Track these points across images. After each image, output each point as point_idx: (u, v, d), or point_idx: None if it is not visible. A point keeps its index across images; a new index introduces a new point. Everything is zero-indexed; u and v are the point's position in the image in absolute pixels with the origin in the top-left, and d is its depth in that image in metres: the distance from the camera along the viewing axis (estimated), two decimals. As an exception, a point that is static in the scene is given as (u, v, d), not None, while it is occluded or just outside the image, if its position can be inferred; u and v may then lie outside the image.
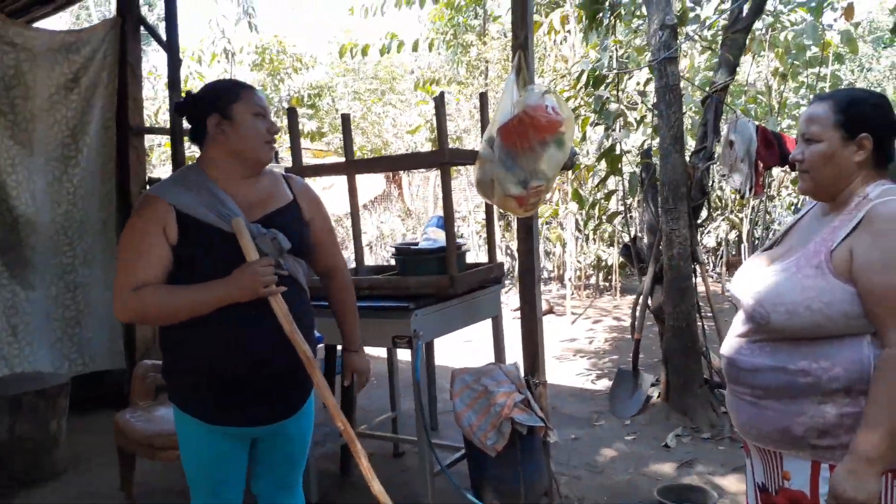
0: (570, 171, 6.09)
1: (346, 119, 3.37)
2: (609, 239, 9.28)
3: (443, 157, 2.75)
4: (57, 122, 4.58)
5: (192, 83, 11.05)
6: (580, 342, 6.84)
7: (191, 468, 1.87)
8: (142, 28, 4.98)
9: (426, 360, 3.72)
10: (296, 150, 3.14)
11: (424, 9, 8.97)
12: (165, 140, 5.67)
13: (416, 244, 3.19)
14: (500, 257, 8.93)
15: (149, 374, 3.35)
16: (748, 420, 1.56)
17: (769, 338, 1.51)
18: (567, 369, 5.73)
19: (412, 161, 3.05)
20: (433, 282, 2.83)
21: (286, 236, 1.84)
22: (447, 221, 2.82)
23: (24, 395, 3.53)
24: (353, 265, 3.29)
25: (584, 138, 6.39)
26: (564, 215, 8.66)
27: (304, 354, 1.75)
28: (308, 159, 4.93)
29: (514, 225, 6.03)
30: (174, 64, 4.55)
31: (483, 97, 3.14)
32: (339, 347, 2.25)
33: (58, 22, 10.88)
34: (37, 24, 4.78)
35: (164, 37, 4.90)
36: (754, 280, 1.56)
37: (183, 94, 1.90)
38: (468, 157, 2.98)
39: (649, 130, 5.87)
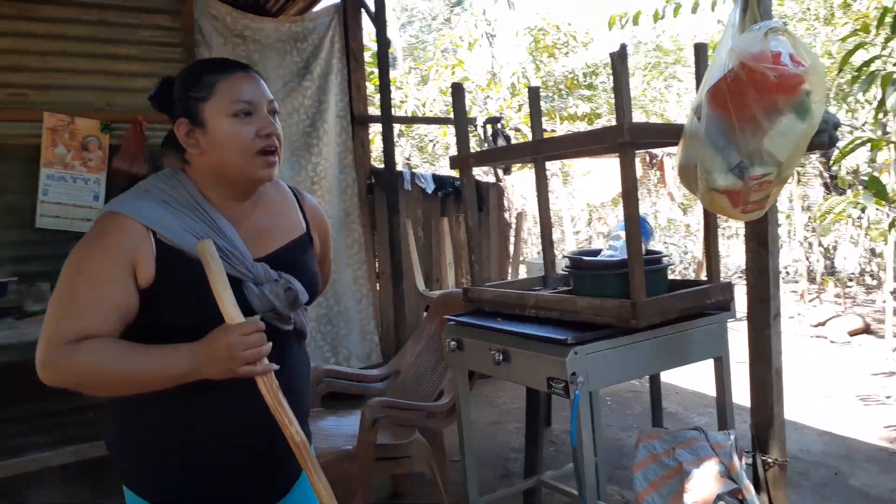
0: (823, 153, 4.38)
1: (532, 93, 2.72)
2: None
3: (619, 135, 1.96)
4: (295, 109, 4.65)
5: (458, 74, 11.11)
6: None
7: None
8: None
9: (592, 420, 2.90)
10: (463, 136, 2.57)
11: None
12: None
13: (598, 252, 2.41)
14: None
15: (322, 380, 3.11)
16: None
17: None
18: (874, 416, 4.25)
19: (577, 141, 2.26)
20: (609, 307, 2.06)
21: (303, 282, 1.35)
22: (630, 222, 2.02)
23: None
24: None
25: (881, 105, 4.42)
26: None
27: (292, 440, 1.21)
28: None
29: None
30: (382, 47, 4.29)
31: (699, 48, 2.24)
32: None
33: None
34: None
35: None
36: None
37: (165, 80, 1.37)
38: (664, 135, 2.12)
39: None
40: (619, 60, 2.01)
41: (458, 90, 2.56)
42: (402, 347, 3.29)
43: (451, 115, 2.63)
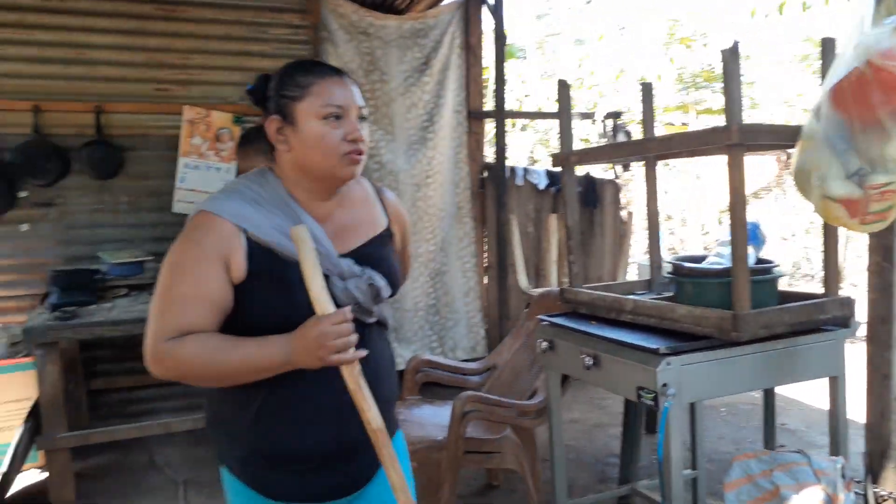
0: None
1: (645, 89, 2.63)
2: None
3: (728, 137, 1.84)
4: (414, 104, 4.75)
5: (585, 67, 10.84)
6: None
7: None
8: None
9: (693, 423, 2.76)
10: (564, 129, 2.52)
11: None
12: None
13: (702, 259, 2.28)
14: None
15: (420, 369, 3.18)
16: None
17: None
18: None
19: (684, 141, 2.14)
20: (709, 318, 1.95)
21: (384, 276, 1.39)
22: (736, 229, 1.91)
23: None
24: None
25: None
26: None
27: (368, 425, 1.24)
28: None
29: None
30: (499, 41, 4.27)
31: (826, 43, 2.06)
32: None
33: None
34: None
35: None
36: None
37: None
38: (777, 136, 1.97)
39: None
40: (730, 58, 1.90)
41: (562, 86, 2.52)
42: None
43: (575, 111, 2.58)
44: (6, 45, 3.83)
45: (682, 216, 9.57)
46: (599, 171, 5.55)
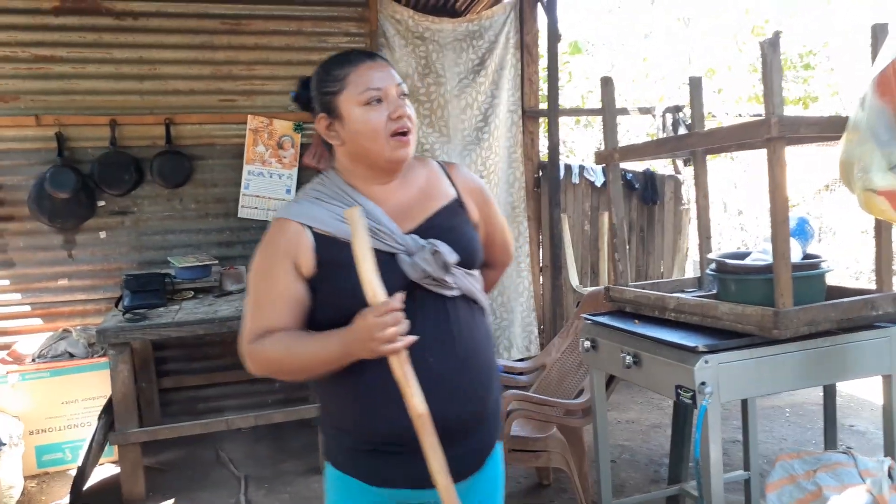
0: None
1: (694, 83, 2.60)
2: None
3: (767, 130, 1.81)
4: (468, 105, 4.80)
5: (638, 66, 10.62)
6: None
7: None
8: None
9: (745, 422, 2.68)
10: (609, 125, 2.51)
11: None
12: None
13: (747, 255, 2.23)
14: None
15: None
16: None
17: None
18: None
19: (726, 135, 2.10)
20: (751, 315, 1.91)
21: (452, 244, 1.38)
22: (777, 224, 1.87)
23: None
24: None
25: None
26: None
27: (413, 411, 1.25)
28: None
29: None
30: (553, 39, 4.26)
31: (877, 29, 1.98)
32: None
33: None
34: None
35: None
36: None
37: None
38: (820, 128, 1.91)
39: None
40: (770, 49, 1.87)
41: (605, 83, 2.51)
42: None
43: (641, 106, 2.58)
44: (86, 64, 4.10)
45: (755, 211, 9.23)
46: (660, 166, 5.46)
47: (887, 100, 1.67)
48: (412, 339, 1.26)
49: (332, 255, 1.34)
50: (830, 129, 1.90)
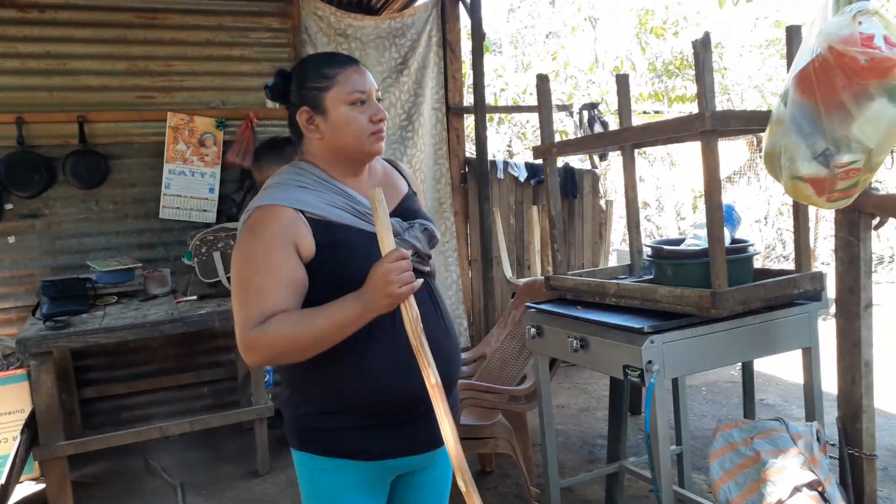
0: None
1: (621, 80, 2.73)
2: None
3: (702, 124, 1.94)
4: (392, 104, 4.81)
5: (560, 59, 10.98)
6: None
7: None
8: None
9: (676, 401, 2.87)
10: (546, 122, 2.61)
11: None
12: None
13: (680, 242, 2.39)
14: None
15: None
16: None
17: None
18: None
19: (660, 130, 2.24)
20: (689, 297, 2.05)
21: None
22: (711, 211, 2.01)
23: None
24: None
25: None
26: None
27: (428, 380, 1.31)
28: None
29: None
30: (477, 38, 4.35)
31: (791, 31, 2.17)
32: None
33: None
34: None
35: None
36: None
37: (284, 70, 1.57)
38: (749, 121, 2.08)
39: None
40: (702, 48, 2.00)
41: (541, 80, 2.61)
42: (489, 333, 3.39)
43: (556, 103, 2.68)
44: (-13, 59, 3.84)
45: (658, 203, 9.72)
46: (577, 161, 5.66)
47: (808, 95, 1.83)
48: (419, 282, 1.33)
49: (329, 236, 1.41)
50: (756, 122, 2.06)
